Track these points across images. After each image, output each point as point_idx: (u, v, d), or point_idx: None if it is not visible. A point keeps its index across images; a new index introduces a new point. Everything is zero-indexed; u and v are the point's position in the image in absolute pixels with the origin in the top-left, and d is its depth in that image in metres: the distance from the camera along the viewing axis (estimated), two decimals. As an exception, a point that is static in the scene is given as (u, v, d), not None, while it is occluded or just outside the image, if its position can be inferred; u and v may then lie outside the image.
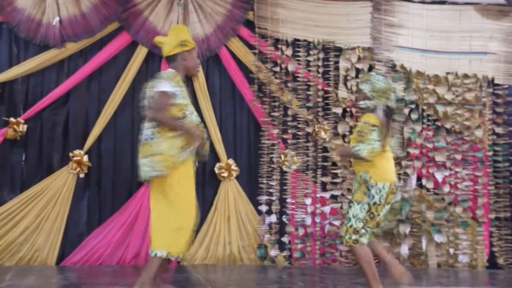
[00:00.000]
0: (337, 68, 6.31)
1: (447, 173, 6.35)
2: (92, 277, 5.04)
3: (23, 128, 5.68)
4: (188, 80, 4.49)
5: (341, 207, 6.12)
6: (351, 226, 4.06)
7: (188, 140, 3.87)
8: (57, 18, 5.76)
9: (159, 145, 3.80)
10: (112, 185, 5.85)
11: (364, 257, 4.07)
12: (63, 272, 5.27)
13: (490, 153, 6.45)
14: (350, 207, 4.12)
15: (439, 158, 6.35)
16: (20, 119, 5.67)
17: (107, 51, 5.88)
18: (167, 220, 3.83)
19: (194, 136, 3.87)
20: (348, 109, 6.26)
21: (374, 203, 4.06)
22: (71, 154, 5.75)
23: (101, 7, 5.81)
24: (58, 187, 5.69)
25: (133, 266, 5.69)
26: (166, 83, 3.88)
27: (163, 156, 3.78)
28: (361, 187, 4.10)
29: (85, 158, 5.77)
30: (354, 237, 4.06)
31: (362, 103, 4.20)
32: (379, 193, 4.06)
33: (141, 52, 5.92)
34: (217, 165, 6.02)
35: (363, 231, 4.06)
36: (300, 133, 6.24)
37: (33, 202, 5.63)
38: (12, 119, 5.66)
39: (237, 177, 6.09)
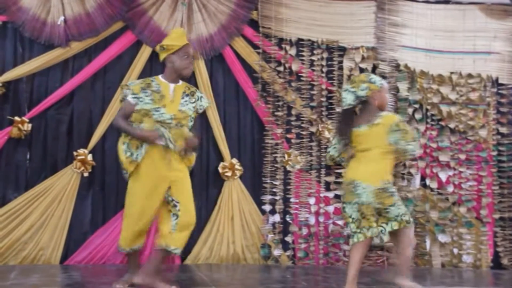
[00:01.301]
0: (341, 68, 6.30)
1: (451, 173, 6.34)
2: (96, 276, 5.04)
3: (27, 127, 5.68)
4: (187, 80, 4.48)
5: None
6: None
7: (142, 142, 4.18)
8: (62, 18, 5.77)
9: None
10: (116, 184, 5.84)
11: None
12: (67, 271, 5.26)
13: (495, 153, 6.44)
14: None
15: (443, 158, 6.35)
16: (25, 118, 5.68)
17: (112, 51, 5.89)
18: None
19: (146, 139, 4.16)
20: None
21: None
22: (75, 153, 5.76)
23: (106, 6, 5.82)
24: (62, 186, 5.70)
25: (136, 265, 5.69)
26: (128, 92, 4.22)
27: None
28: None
29: (89, 157, 5.77)
30: None
31: None
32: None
33: (145, 52, 5.93)
34: (221, 164, 6.02)
35: None
36: (303, 132, 6.24)
37: (37, 201, 5.64)
38: (16, 118, 5.66)
39: (240, 177, 6.09)
